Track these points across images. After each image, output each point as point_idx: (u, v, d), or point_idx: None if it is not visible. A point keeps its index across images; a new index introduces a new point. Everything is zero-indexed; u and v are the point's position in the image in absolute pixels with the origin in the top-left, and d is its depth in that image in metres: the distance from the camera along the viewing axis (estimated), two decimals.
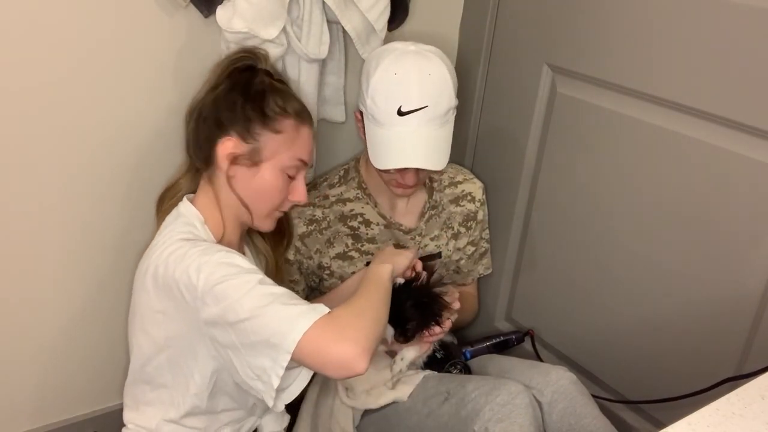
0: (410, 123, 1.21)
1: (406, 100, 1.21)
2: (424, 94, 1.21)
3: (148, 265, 1.06)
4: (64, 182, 1.24)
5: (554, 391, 1.23)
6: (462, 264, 1.56)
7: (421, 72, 1.22)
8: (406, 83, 1.21)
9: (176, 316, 1.03)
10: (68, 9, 1.13)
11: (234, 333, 0.96)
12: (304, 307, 0.95)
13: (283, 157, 1.12)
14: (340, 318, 0.95)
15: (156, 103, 1.27)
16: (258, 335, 0.94)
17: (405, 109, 1.21)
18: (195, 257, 0.99)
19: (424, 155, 1.24)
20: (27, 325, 1.31)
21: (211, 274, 0.97)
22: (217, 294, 0.96)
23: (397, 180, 1.31)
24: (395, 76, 1.21)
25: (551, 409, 1.22)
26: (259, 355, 0.95)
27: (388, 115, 1.21)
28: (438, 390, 1.25)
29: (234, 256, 1.01)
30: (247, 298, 0.95)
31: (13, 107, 1.15)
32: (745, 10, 1.07)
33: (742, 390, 0.76)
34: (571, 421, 1.21)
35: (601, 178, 1.34)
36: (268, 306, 0.94)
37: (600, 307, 1.40)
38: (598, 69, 1.30)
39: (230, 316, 0.95)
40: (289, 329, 0.92)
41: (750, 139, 1.10)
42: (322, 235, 1.38)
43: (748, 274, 1.15)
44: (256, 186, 1.13)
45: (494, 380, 1.20)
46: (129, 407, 1.16)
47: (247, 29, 1.18)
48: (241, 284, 0.96)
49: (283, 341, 0.92)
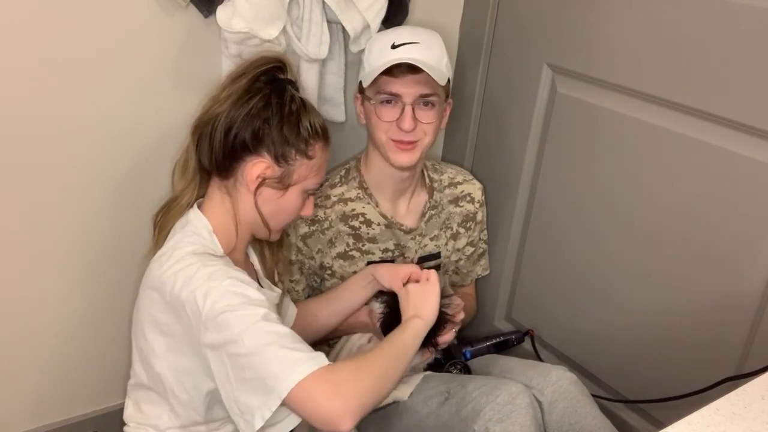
0: (403, 51, 1.25)
1: (398, 37, 1.27)
2: (415, 33, 1.29)
3: (155, 277, 1.05)
4: (63, 182, 1.24)
5: (555, 391, 1.23)
6: (461, 265, 1.56)
7: (414, 29, 1.32)
8: (399, 30, 1.32)
9: (178, 332, 1.02)
10: (68, 9, 1.13)
11: (230, 364, 0.95)
12: (304, 354, 0.93)
13: (310, 181, 1.15)
14: (338, 373, 0.94)
15: (156, 103, 1.27)
16: (253, 373, 0.93)
17: (398, 42, 1.26)
18: (203, 281, 0.98)
19: (420, 58, 1.24)
20: (27, 325, 1.31)
21: (216, 301, 0.96)
22: (220, 323, 0.95)
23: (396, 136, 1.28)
24: (388, 31, 1.32)
25: (552, 409, 1.22)
26: (249, 393, 0.94)
27: (382, 52, 1.27)
28: (438, 390, 1.25)
29: (242, 285, 1.00)
30: (248, 333, 0.94)
31: (12, 107, 1.15)
32: (745, 10, 1.07)
33: (742, 390, 0.76)
34: (572, 420, 1.21)
35: (601, 178, 1.34)
36: (269, 346, 0.93)
37: (600, 307, 1.40)
38: (598, 69, 1.30)
39: (230, 347, 0.95)
40: (285, 375, 0.91)
41: (750, 139, 1.10)
42: (324, 235, 1.38)
43: (748, 275, 1.15)
44: (280, 206, 1.14)
45: (495, 380, 1.20)
46: (130, 407, 1.16)
47: (247, 29, 1.18)
48: (245, 317, 0.95)
49: (277, 385, 0.91)
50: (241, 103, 1.09)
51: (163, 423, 1.10)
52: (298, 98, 1.13)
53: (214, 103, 1.11)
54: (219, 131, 1.09)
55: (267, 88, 1.11)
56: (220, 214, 1.12)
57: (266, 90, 1.10)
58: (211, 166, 1.12)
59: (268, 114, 1.09)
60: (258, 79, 1.11)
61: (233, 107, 1.09)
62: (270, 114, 1.09)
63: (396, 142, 1.29)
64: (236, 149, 1.09)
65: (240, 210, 1.12)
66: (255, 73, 1.11)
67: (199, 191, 1.17)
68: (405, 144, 1.29)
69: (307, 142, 1.11)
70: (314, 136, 1.12)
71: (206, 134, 1.11)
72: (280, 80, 1.13)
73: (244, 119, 1.08)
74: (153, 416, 1.11)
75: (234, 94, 1.10)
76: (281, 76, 1.14)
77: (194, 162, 1.14)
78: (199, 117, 1.13)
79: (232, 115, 1.09)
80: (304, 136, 1.11)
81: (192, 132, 1.14)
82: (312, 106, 1.17)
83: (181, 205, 1.15)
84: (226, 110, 1.09)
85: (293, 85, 1.15)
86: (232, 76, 1.13)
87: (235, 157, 1.09)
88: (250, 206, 1.12)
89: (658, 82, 1.20)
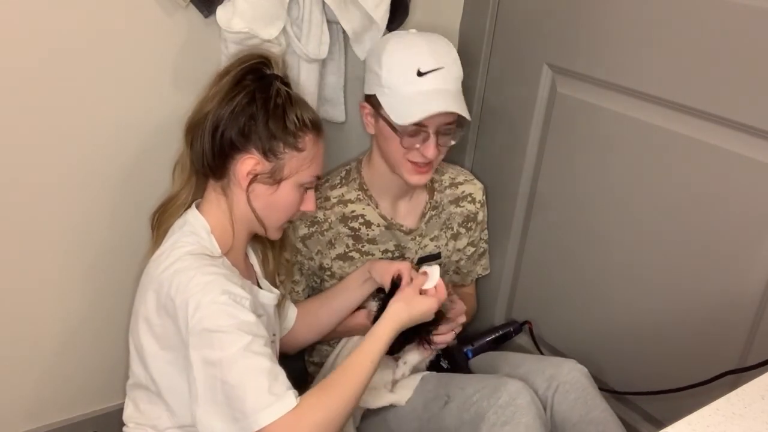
0: (430, 82, 1.24)
1: (422, 62, 1.24)
2: (437, 56, 1.26)
3: (152, 277, 1.05)
4: (63, 182, 1.24)
5: (566, 382, 1.24)
6: (462, 264, 1.56)
7: (429, 41, 1.28)
8: (418, 48, 1.26)
9: (170, 333, 1.02)
10: (67, 9, 1.13)
11: (204, 382, 0.96)
12: (274, 397, 0.94)
13: (303, 174, 1.13)
14: (301, 421, 0.94)
15: (156, 103, 1.27)
16: (224, 399, 0.94)
17: (423, 69, 1.24)
18: (197, 291, 0.98)
19: (453, 102, 1.25)
20: (26, 324, 1.31)
21: (205, 317, 0.97)
22: (204, 340, 0.96)
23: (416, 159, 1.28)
24: (406, 47, 1.27)
25: (563, 399, 1.23)
26: (216, 416, 0.95)
27: (407, 77, 1.24)
28: (437, 393, 1.25)
29: (235, 305, 0.99)
30: (228, 360, 0.95)
31: (11, 107, 1.15)
32: (745, 11, 1.07)
33: (742, 390, 0.76)
34: (582, 411, 1.22)
35: (601, 178, 1.34)
36: (244, 379, 0.94)
37: (600, 307, 1.40)
38: (598, 69, 1.30)
39: (208, 368, 0.96)
40: (253, 413, 0.92)
41: (750, 139, 1.10)
42: (323, 236, 1.38)
43: (748, 274, 1.15)
44: (274, 202, 1.13)
45: (494, 380, 1.20)
46: (129, 407, 1.16)
47: (247, 29, 1.18)
48: (230, 342, 0.96)
49: (244, 421, 0.93)
50: (226, 101, 1.09)
51: (162, 423, 1.10)
52: (284, 92, 1.12)
53: (203, 102, 1.11)
54: (207, 131, 1.09)
55: (252, 84, 1.10)
56: (217, 215, 1.12)
57: (251, 87, 1.10)
58: (204, 168, 1.12)
59: (253, 110, 1.08)
60: (244, 77, 1.11)
61: (219, 106, 1.09)
62: (255, 110, 1.08)
63: (413, 164, 1.29)
64: (224, 148, 1.09)
65: (235, 209, 1.12)
66: (238, 70, 1.11)
67: (198, 192, 1.17)
68: (423, 167, 1.30)
69: (295, 135, 1.11)
70: (303, 128, 1.11)
71: (198, 136, 1.11)
72: (267, 76, 1.12)
73: (229, 117, 1.08)
74: (152, 416, 1.11)
75: (219, 93, 1.10)
76: (268, 72, 1.13)
77: (189, 166, 1.15)
78: (190, 118, 1.13)
79: (218, 113, 1.09)
80: (292, 129, 1.10)
81: (185, 134, 1.14)
82: (300, 99, 1.16)
83: (177, 204, 1.16)
84: (213, 109, 1.09)
85: (281, 80, 1.14)
86: (219, 74, 1.13)
87: (225, 156, 1.09)
88: (245, 204, 1.12)
89: (658, 82, 1.20)
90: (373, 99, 1.29)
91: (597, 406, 1.23)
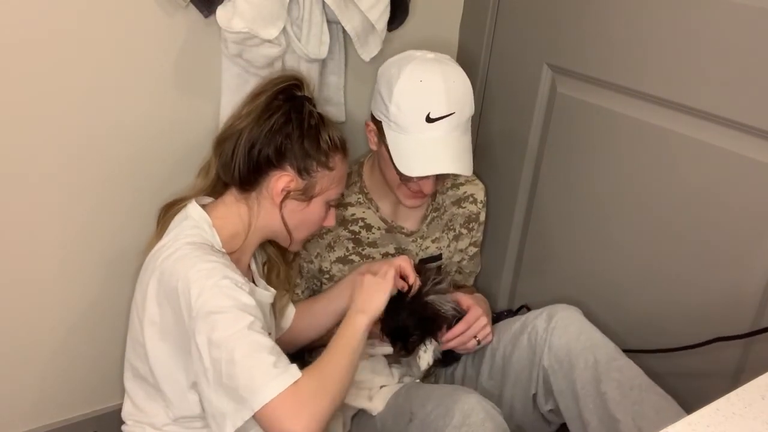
0: (439, 129, 1.21)
1: (434, 106, 1.21)
2: (451, 101, 1.21)
3: (153, 268, 1.06)
4: (63, 182, 1.24)
5: (566, 317, 1.25)
6: (463, 265, 1.56)
7: (446, 79, 1.23)
8: (434, 90, 1.21)
9: (169, 321, 1.04)
10: (67, 9, 1.13)
11: (210, 365, 0.97)
12: (279, 370, 0.96)
13: (332, 192, 1.19)
14: (303, 392, 0.96)
15: (156, 103, 1.27)
16: (230, 380, 0.95)
17: (434, 115, 1.21)
18: (200, 276, 1.00)
19: (455, 160, 1.24)
20: (27, 324, 1.31)
21: (208, 300, 0.98)
22: (208, 323, 0.97)
23: (414, 188, 1.29)
24: (421, 83, 1.22)
25: (563, 333, 1.23)
26: (223, 398, 0.97)
27: (416, 122, 1.21)
28: (404, 409, 1.25)
29: (236, 288, 1.01)
30: (232, 339, 0.96)
31: (12, 107, 1.15)
32: (745, 10, 1.07)
33: (742, 390, 0.76)
34: (586, 345, 1.21)
35: (601, 178, 1.34)
36: (248, 357, 0.96)
37: (600, 307, 1.40)
38: (598, 69, 1.30)
39: (213, 350, 0.97)
40: (260, 389, 0.94)
41: (750, 139, 1.10)
42: (322, 239, 1.38)
43: (748, 274, 1.15)
44: (304, 218, 1.18)
45: (449, 396, 1.17)
46: (127, 403, 1.17)
47: (247, 29, 1.18)
48: (233, 321, 0.98)
49: (251, 399, 0.94)
50: (262, 120, 1.13)
51: (159, 420, 1.11)
52: (317, 113, 1.17)
53: (236, 119, 1.16)
54: (242, 147, 1.13)
55: (286, 105, 1.14)
56: (232, 219, 1.15)
57: (286, 107, 1.14)
58: (233, 179, 1.15)
59: (289, 129, 1.13)
60: (277, 97, 1.15)
61: (255, 124, 1.13)
62: (291, 129, 1.13)
63: (412, 191, 1.30)
64: (260, 164, 1.13)
65: (259, 220, 1.16)
66: (273, 91, 1.16)
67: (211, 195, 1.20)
68: (419, 193, 1.30)
69: (327, 155, 1.16)
70: (334, 148, 1.17)
71: (228, 149, 1.14)
72: (298, 97, 1.17)
73: (266, 135, 1.12)
74: (150, 413, 1.12)
75: (254, 111, 1.14)
76: (299, 93, 1.17)
77: (214, 173, 1.19)
78: (221, 133, 1.18)
79: (255, 131, 1.13)
80: (324, 148, 1.15)
81: (215, 146, 1.18)
82: (330, 120, 1.20)
83: None
84: (248, 127, 1.13)
85: (311, 102, 1.18)
86: (252, 94, 1.17)
87: (260, 172, 1.13)
88: (273, 218, 1.15)
89: (658, 82, 1.20)
90: (378, 125, 1.28)
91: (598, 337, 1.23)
